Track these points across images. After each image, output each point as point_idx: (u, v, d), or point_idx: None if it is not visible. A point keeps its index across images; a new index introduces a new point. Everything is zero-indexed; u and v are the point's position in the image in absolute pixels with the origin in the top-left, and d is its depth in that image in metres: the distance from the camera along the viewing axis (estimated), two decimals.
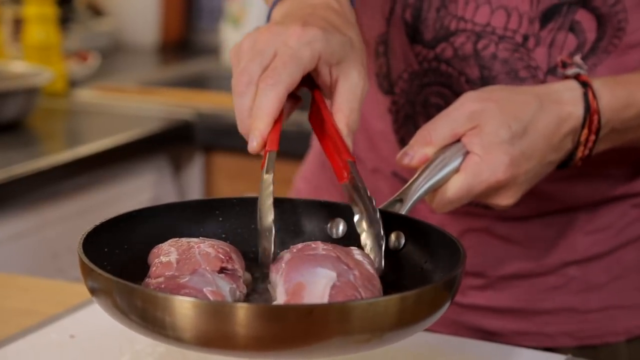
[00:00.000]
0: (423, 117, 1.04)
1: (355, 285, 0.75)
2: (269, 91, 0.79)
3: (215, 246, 0.79)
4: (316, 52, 0.81)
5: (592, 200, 1.05)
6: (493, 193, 0.89)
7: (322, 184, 1.19)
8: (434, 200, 0.89)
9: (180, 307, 0.68)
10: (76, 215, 1.95)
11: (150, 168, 2.15)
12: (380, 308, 0.69)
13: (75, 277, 1.95)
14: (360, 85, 0.83)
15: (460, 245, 0.79)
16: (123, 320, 0.73)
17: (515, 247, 1.06)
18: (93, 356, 0.92)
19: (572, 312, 1.07)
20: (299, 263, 0.76)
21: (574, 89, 0.92)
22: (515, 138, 0.88)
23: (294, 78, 0.80)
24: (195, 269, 0.76)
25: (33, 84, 2.05)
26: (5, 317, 1.04)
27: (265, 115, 0.80)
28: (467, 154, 0.88)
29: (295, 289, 0.74)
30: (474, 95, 0.90)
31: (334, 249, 0.78)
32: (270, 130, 0.80)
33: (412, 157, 0.89)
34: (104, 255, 0.79)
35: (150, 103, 2.31)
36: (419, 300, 0.72)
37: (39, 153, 1.97)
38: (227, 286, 0.76)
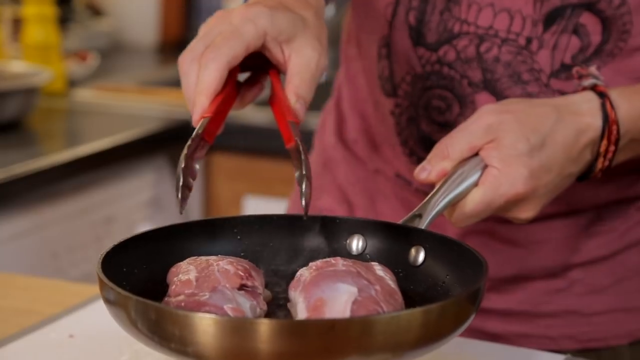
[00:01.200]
0: (425, 120, 1.04)
1: (377, 299, 0.74)
2: (209, 64, 0.81)
3: (234, 263, 0.78)
4: (260, 28, 0.82)
5: (595, 203, 1.05)
6: (512, 206, 0.88)
7: (324, 184, 1.19)
8: (453, 215, 0.88)
9: (201, 324, 0.68)
10: (76, 215, 1.95)
11: (150, 168, 2.15)
12: (402, 322, 0.69)
13: (75, 276, 1.96)
14: (314, 59, 0.83)
15: (482, 257, 0.78)
16: (141, 338, 0.73)
17: (518, 250, 1.06)
18: (92, 356, 0.92)
19: (576, 314, 1.07)
20: (319, 279, 0.76)
21: (591, 100, 0.91)
22: (534, 151, 0.87)
23: (235, 51, 0.81)
24: (215, 286, 0.75)
25: (32, 84, 2.05)
26: (4, 316, 1.04)
27: (206, 88, 0.80)
28: (486, 167, 0.87)
29: (316, 305, 0.74)
30: (491, 108, 0.90)
31: (354, 265, 0.78)
32: (210, 102, 0.81)
33: (430, 171, 0.89)
34: (122, 274, 0.79)
35: (149, 103, 2.31)
36: (443, 313, 0.71)
37: (39, 153, 1.97)
38: (247, 303, 0.75)
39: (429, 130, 1.04)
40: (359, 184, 1.15)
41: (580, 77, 0.94)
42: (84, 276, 1.93)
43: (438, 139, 1.03)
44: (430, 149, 1.04)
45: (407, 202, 1.10)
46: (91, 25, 2.94)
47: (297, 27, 0.84)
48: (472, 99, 1.01)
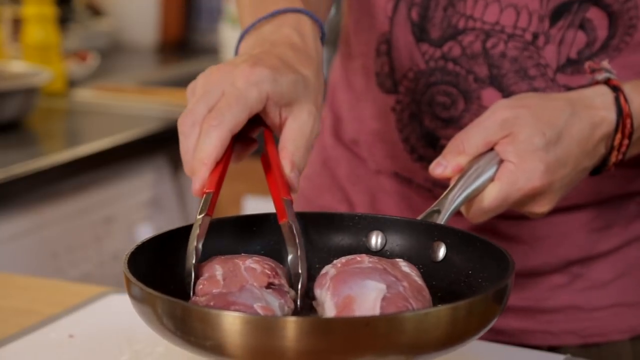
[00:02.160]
0: (429, 116, 1.04)
1: (406, 296, 0.74)
2: (211, 133, 0.78)
3: (261, 262, 0.78)
4: (264, 92, 0.80)
5: (596, 199, 1.05)
6: (529, 201, 0.89)
7: (324, 183, 1.18)
8: (470, 210, 0.88)
9: (234, 323, 0.67)
10: (76, 215, 1.95)
11: (150, 168, 2.15)
12: (432, 318, 0.69)
13: (75, 276, 1.96)
14: (309, 125, 0.82)
15: (508, 254, 0.78)
16: (167, 335, 0.72)
17: (520, 246, 1.06)
18: (92, 356, 0.92)
19: (577, 310, 1.07)
20: (346, 276, 0.76)
21: (605, 93, 0.91)
22: (550, 145, 0.87)
23: (238, 119, 0.79)
24: (243, 285, 0.75)
25: (32, 84, 2.05)
26: (4, 316, 1.04)
27: (207, 157, 0.78)
28: (502, 162, 0.88)
29: (345, 302, 0.73)
30: (506, 103, 0.90)
31: (380, 261, 0.78)
32: (210, 172, 0.79)
33: (446, 166, 0.89)
34: (145, 274, 0.77)
35: (149, 103, 2.31)
36: (472, 310, 0.71)
37: (38, 153, 1.97)
38: (276, 301, 0.75)
39: (433, 127, 1.04)
40: (360, 183, 1.15)
41: (593, 71, 0.94)
42: (84, 276, 1.93)
43: (442, 135, 1.04)
44: (432, 145, 1.05)
45: (409, 199, 1.10)
46: (91, 25, 2.94)
47: (298, 90, 0.82)
48: (477, 95, 1.01)
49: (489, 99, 1.01)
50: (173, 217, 2.22)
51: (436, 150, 1.04)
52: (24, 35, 2.34)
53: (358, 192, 1.15)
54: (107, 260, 2.02)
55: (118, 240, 2.05)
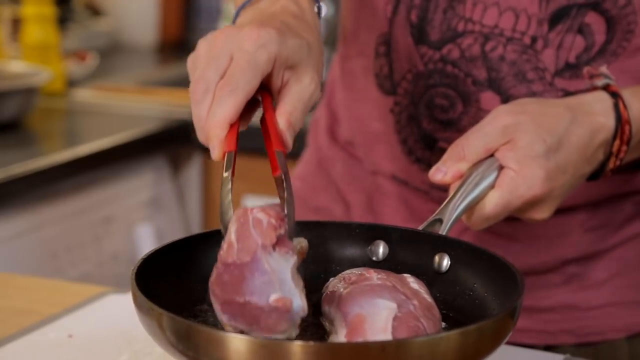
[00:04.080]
0: (427, 118, 1.04)
1: (417, 315, 0.74)
2: (226, 99, 0.78)
3: (267, 209, 0.76)
4: (272, 54, 0.80)
5: (591, 199, 1.06)
6: (529, 208, 0.89)
7: (319, 184, 1.19)
8: (472, 218, 0.88)
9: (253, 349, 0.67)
10: (75, 214, 1.95)
11: (149, 168, 2.15)
12: (449, 342, 0.68)
13: (74, 276, 1.96)
14: (310, 90, 0.82)
15: (516, 270, 0.78)
16: (171, 351, 0.72)
17: (516, 245, 1.07)
18: (91, 356, 0.92)
19: (573, 309, 1.08)
20: (356, 294, 0.75)
21: (604, 100, 0.91)
22: (550, 152, 0.88)
23: (252, 84, 0.79)
24: (254, 252, 0.73)
25: (31, 84, 2.05)
26: (3, 316, 1.04)
27: (223, 122, 0.78)
28: (502, 168, 0.87)
29: (356, 322, 0.73)
30: (506, 109, 0.90)
31: (388, 278, 0.77)
32: (227, 134, 0.79)
33: (446, 173, 0.88)
34: (156, 282, 0.78)
35: (148, 103, 2.31)
36: (487, 330, 0.71)
37: (38, 153, 1.97)
38: (289, 280, 0.73)
39: (431, 129, 1.04)
40: (356, 183, 1.15)
41: (591, 77, 0.94)
42: (83, 276, 1.93)
43: (440, 137, 1.04)
44: (430, 147, 1.05)
45: (406, 200, 1.10)
46: (90, 25, 2.94)
47: (303, 53, 0.82)
48: (476, 98, 1.01)
49: (487, 102, 1.01)
50: (172, 217, 2.22)
51: (434, 153, 1.04)
52: (24, 35, 2.34)
53: (354, 192, 1.15)
54: (106, 260, 2.02)
55: (117, 240, 2.05)
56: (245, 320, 0.73)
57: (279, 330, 0.73)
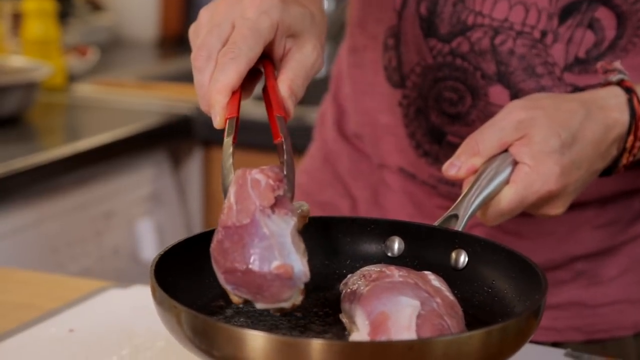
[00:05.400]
0: (435, 111, 1.04)
1: (440, 313, 0.73)
2: (229, 66, 0.78)
3: (265, 170, 0.76)
4: (274, 21, 0.80)
5: (601, 196, 1.05)
6: (544, 204, 0.88)
7: (325, 178, 1.18)
8: (487, 213, 0.88)
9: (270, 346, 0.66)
10: (75, 209, 1.95)
11: (150, 162, 2.15)
12: (476, 341, 0.68)
13: (74, 271, 1.96)
14: (312, 58, 0.82)
15: (538, 268, 0.77)
16: (190, 347, 0.71)
17: (524, 242, 1.06)
18: (92, 350, 0.92)
19: (581, 306, 1.07)
20: (378, 292, 0.74)
21: (618, 95, 0.91)
22: (565, 147, 0.87)
23: (254, 51, 0.79)
24: (253, 214, 0.73)
25: (32, 79, 2.05)
26: (4, 311, 1.04)
27: (225, 88, 0.78)
28: (516, 164, 0.87)
29: (379, 320, 0.72)
30: (521, 104, 0.89)
31: (409, 275, 0.77)
32: (228, 101, 0.79)
33: (460, 167, 0.88)
34: (172, 282, 0.77)
35: (149, 98, 2.31)
36: (512, 330, 0.70)
37: (38, 147, 1.96)
38: (295, 255, 0.73)
39: (439, 122, 1.04)
40: (362, 178, 1.15)
41: (605, 72, 0.93)
42: (84, 271, 1.93)
43: (448, 130, 1.04)
44: (438, 141, 1.04)
45: (412, 195, 1.09)
46: (91, 20, 2.94)
47: (305, 22, 0.82)
48: (485, 92, 1.01)
49: (496, 95, 1.00)
50: (173, 212, 2.22)
51: (442, 146, 1.04)
52: (24, 30, 2.33)
53: (360, 187, 1.15)
54: (107, 255, 2.02)
55: (118, 235, 2.05)
56: (248, 289, 0.73)
57: (282, 298, 0.73)
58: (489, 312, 0.80)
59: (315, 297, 0.83)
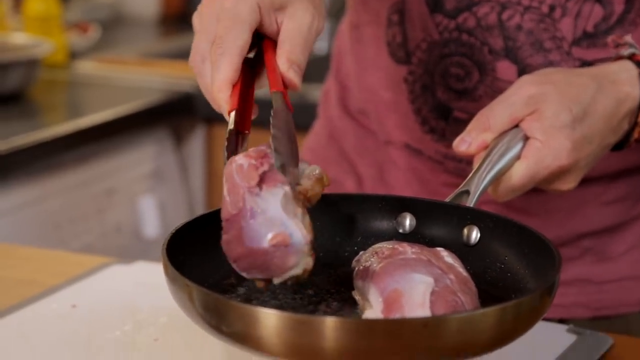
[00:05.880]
0: (442, 87, 1.03)
1: (454, 289, 0.73)
2: (220, 61, 0.78)
3: (249, 152, 0.76)
4: (253, 2, 0.79)
5: (607, 172, 1.05)
6: (555, 179, 0.88)
7: (330, 155, 1.18)
8: (498, 189, 0.87)
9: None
10: (77, 186, 1.95)
11: (152, 140, 2.15)
12: (490, 318, 0.68)
13: (76, 248, 1.96)
14: (305, 22, 0.81)
15: (551, 244, 0.77)
16: (201, 324, 0.71)
17: (531, 219, 1.06)
18: (95, 326, 0.92)
19: (587, 283, 1.07)
20: (391, 269, 0.74)
21: (630, 69, 0.90)
22: (576, 122, 0.87)
23: (242, 40, 0.79)
24: (242, 196, 0.73)
25: (33, 56, 2.04)
26: (7, 287, 1.04)
27: (223, 84, 0.78)
28: (527, 139, 0.87)
29: (393, 296, 0.72)
30: (532, 79, 0.89)
31: (422, 252, 0.76)
32: (230, 95, 0.79)
33: (470, 143, 0.87)
34: (186, 256, 0.77)
35: (151, 75, 2.30)
36: (526, 306, 0.70)
37: (40, 124, 1.96)
38: (290, 222, 0.72)
39: (446, 98, 1.03)
40: (367, 155, 1.14)
41: (616, 45, 0.93)
42: (86, 247, 1.93)
43: (455, 106, 1.03)
44: (445, 117, 1.04)
45: (418, 172, 1.09)
46: None
47: None
48: (492, 67, 1.00)
49: (503, 71, 1.00)
50: (175, 189, 2.22)
51: (448, 123, 1.04)
52: (26, 7, 2.33)
53: (365, 165, 1.14)
54: (109, 232, 2.02)
55: (120, 212, 2.05)
56: (258, 269, 0.73)
57: (289, 267, 0.73)
58: (502, 289, 0.80)
59: (327, 275, 0.83)
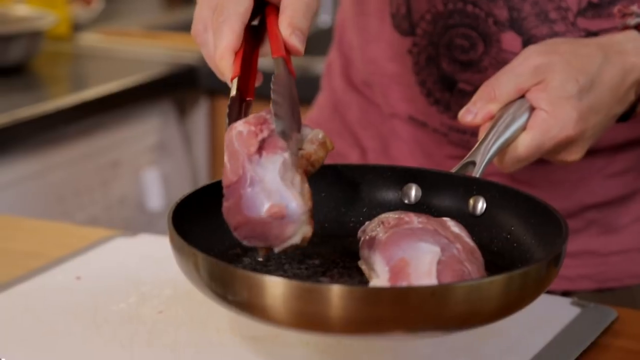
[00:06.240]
0: (446, 59, 1.03)
1: (460, 259, 0.73)
2: (222, 28, 0.78)
3: (248, 119, 0.76)
4: None
5: (611, 144, 1.05)
6: (561, 149, 0.88)
7: (334, 128, 1.17)
8: (503, 160, 0.87)
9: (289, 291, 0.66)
10: (81, 159, 1.95)
11: (155, 112, 2.14)
12: (497, 286, 0.68)
13: (81, 220, 1.97)
14: None
15: (558, 213, 0.77)
16: (207, 293, 0.71)
17: (535, 191, 1.05)
18: (99, 298, 0.92)
19: (592, 255, 1.07)
20: (397, 238, 0.74)
21: (636, 39, 0.90)
22: (583, 92, 0.86)
23: (243, 7, 0.79)
24: (243, 165, 0.73)
25: (37, 28, 2.04)
26: (12, 259, 1.04)
27: (225, 52, 0.78)
28: (533, 110, 0.86)
29: (399, 266, 0.72)
30: (538, 49, 0.89)
31: (429, 222, 0.76)
32: (232, 62, 0.78)
33: (476, 114, 0.87)
34: (191, 226, 0.78)
35: (154, 47, 2.29)
36: (533, 275, 0.70)
37: (43, 97, 1.96)
38: (287, 193, 0.72)
39: (451, 70, 1.03)
40: (371, 127, 1.14)
41: (623, 15, 0.92)
42: (90, 220, 1.93)
43: (460, 78, 1.03)
44: (449, 89, 1.04)
45: (422, 144, 1.09)
46: None
47: None
48: (497, 38, 1.00)
49: (508, 42, 0.99)
50: (179, 161, 2.22)
51: (453, 94, 1.03)
52: None
53: (369, 137, 1.14)
54: (113, 205, 2.03)
55: (124, 185, 2.05)
56: (257, 237, 0.73)
57: (288, 237, 0.73)
58: (508, 259, 0.80)
59: (332, 245, 0.83)
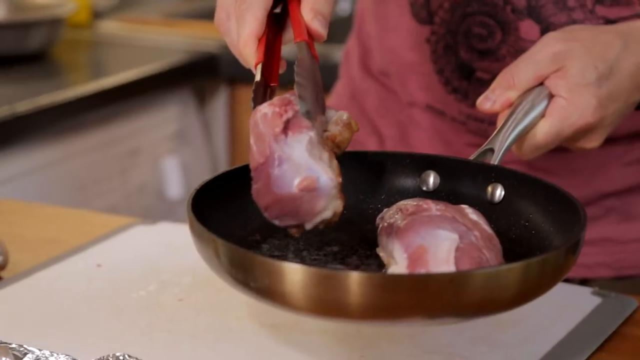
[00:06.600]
0: (465, 47, 1.02)
1: (478, 246, 0.73)
2: (245, 16, 0.78)
3: (273, 101, 0.76)
4: None
5: (630, 132, 1.04)
6: (580, 136, 0.87)
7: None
8: (522, 147, 0.87)
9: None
10: (101, 146, 1.96)
11: (175, 100, 2.15)
12: (515, 274, 0.68)
13: (100, 208, 1.97)
14: None
15: (576, 200, 0.77)
16: (227, 279, 0.72)
17: (554, 179, 1.05)
18: (120, 285, 0.93)
19: (610, 242, 1.07)
20: (416, 225, 0.74)
21: None
22: (602, 79, 0.86)
23: None
24: (268, 144, 0.73)
25: (57, 15, 2.04)
26: (33, 245, 1.05)
27: (249, 39, 0.78)
28: (552, 97, 0.86)
29: (418, 253, 0.72)
30: (557, 36, 0.88)
31: (447, 209, 0.76)
32: (256, 49, 0.79)
33: (495, 101, 0.87)
34: (211, 212, 0.78)
35: (174, 35, 2.30)
36: (552, 262, 0.70)
37: (64, 84, 1.97)
38: (306, 158, 0.73)
39: (468, 58, 1.03)
40: (389, 115, 1.14)
41: None
42: (110, 207, 1.94)
43: (478, 67, 1.02)
44: (467, 77, 1.03)
45: (441, 133, 1.09)
46: None
47: None
48: (515, 26, 0.99)
49: (526, 30, 0.99)
50: (198, 150, 2.22)
51: (471, 83, 1.03)
52: None
53: (387, 125, 1.14)
54: (132, 192, 2.03)
55: (143, 173, 2.06)
56: (289, 215, 0.73)
57: (319, 211, 0.73)
58: (526, 246, 0.80)
59: (351, 232, 0.83)
